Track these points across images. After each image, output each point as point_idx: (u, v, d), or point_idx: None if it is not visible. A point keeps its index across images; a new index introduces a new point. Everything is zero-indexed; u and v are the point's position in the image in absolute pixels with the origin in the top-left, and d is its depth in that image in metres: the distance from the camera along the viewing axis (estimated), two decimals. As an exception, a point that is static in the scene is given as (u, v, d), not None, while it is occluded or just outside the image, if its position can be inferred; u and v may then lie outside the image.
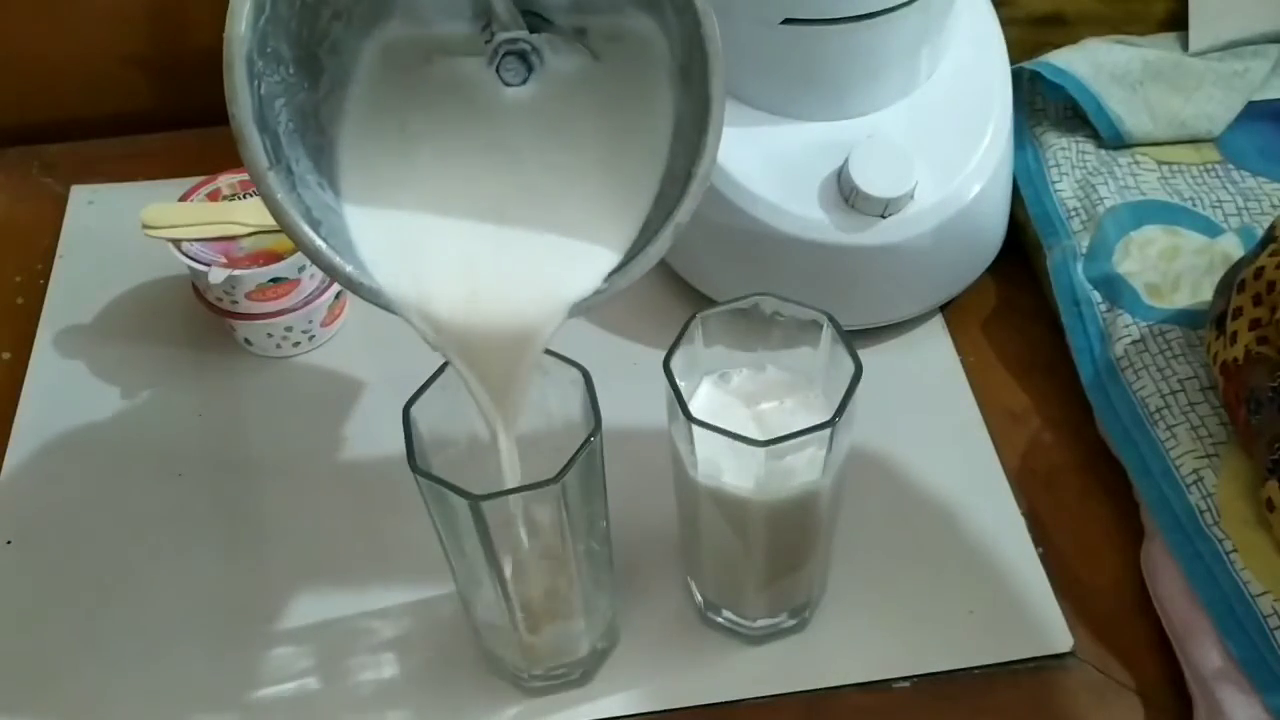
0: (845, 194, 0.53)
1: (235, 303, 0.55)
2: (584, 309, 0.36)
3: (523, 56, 0.38)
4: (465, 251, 0.36)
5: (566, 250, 0.36)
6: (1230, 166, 0.61)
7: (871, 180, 0.52)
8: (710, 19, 0.34)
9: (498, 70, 0.38)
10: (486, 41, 0.38)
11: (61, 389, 0.58)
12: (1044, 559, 0.50)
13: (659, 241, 0.35)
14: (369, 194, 0.36)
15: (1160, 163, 0.61)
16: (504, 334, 0.35)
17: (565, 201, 0.37)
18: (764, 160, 0.54)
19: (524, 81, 0.38)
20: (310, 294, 0.57)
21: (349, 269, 0.35)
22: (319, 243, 0.34)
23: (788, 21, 0.51)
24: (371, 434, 0.55)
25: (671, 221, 0.35)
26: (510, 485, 0.38)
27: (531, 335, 0.36)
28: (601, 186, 0.37)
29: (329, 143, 0.37)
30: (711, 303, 0.42)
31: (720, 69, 0.34)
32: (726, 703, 0.46)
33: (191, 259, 0.54)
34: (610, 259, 0.36)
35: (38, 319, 0.61)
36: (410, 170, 0.37)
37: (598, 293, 0.36)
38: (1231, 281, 0.49)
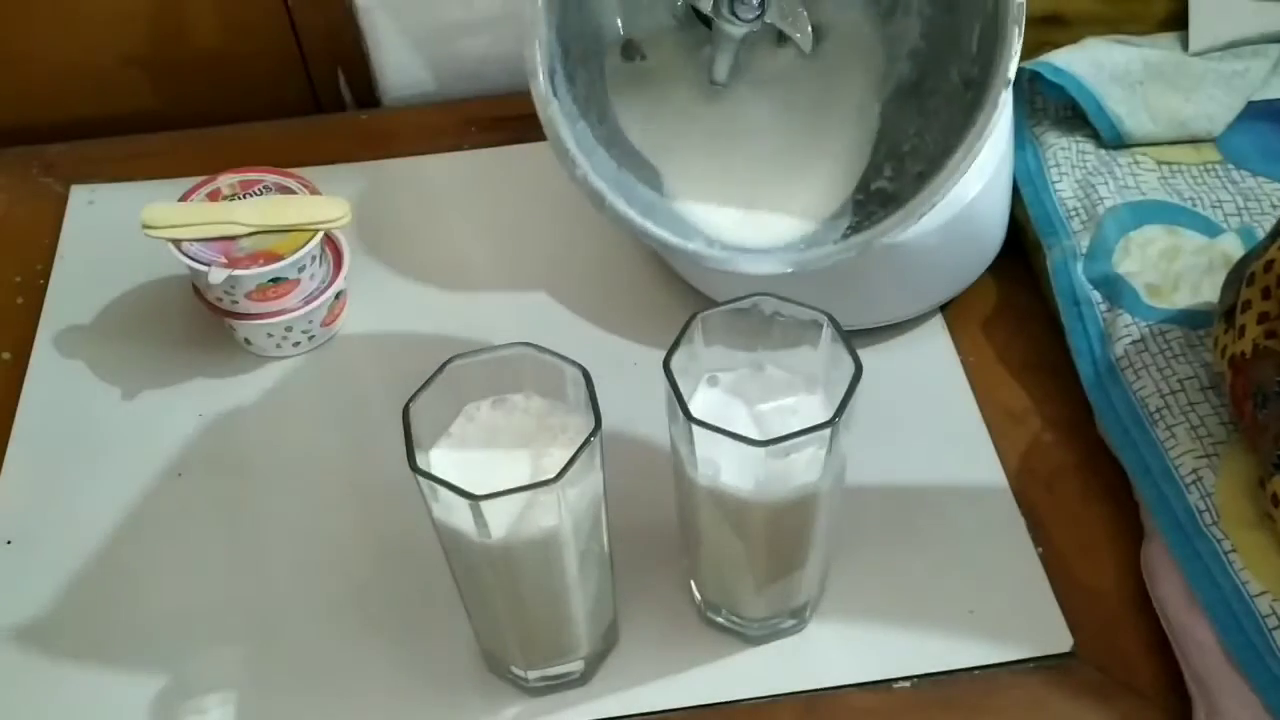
0: (845, 194, 0.53)
1: (235, 303, 0.55)
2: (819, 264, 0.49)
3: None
4: (740, 212, 0.53)
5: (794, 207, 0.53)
6: (1230, 166, 0.61)
7: (872, 180, 0.52)
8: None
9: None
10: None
11: (61, 389, 0.58)
12: (1044, 559, 0.50)
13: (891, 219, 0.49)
14: (681, 189, 0.53)
15: (1160, 163, 0.61)
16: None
17: (787, 172, 0.53)
18: (764, 160, 0.55)
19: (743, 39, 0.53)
20: (310, 294, 0.57)
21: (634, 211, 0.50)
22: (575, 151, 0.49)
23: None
24: (371, 434, 0.55)
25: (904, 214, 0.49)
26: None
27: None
28: (806, 166, 0.53)
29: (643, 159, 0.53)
30: (711, 303, 0.42)
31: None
32: (726, 703, 0.46)
33: (191, 259, 0.54)
34: (820, 214, 0.52)
35: (38, 319, 0.61)
36: (687, 159, 0.54)
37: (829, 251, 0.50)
38: (1241, 274, 0.49)
